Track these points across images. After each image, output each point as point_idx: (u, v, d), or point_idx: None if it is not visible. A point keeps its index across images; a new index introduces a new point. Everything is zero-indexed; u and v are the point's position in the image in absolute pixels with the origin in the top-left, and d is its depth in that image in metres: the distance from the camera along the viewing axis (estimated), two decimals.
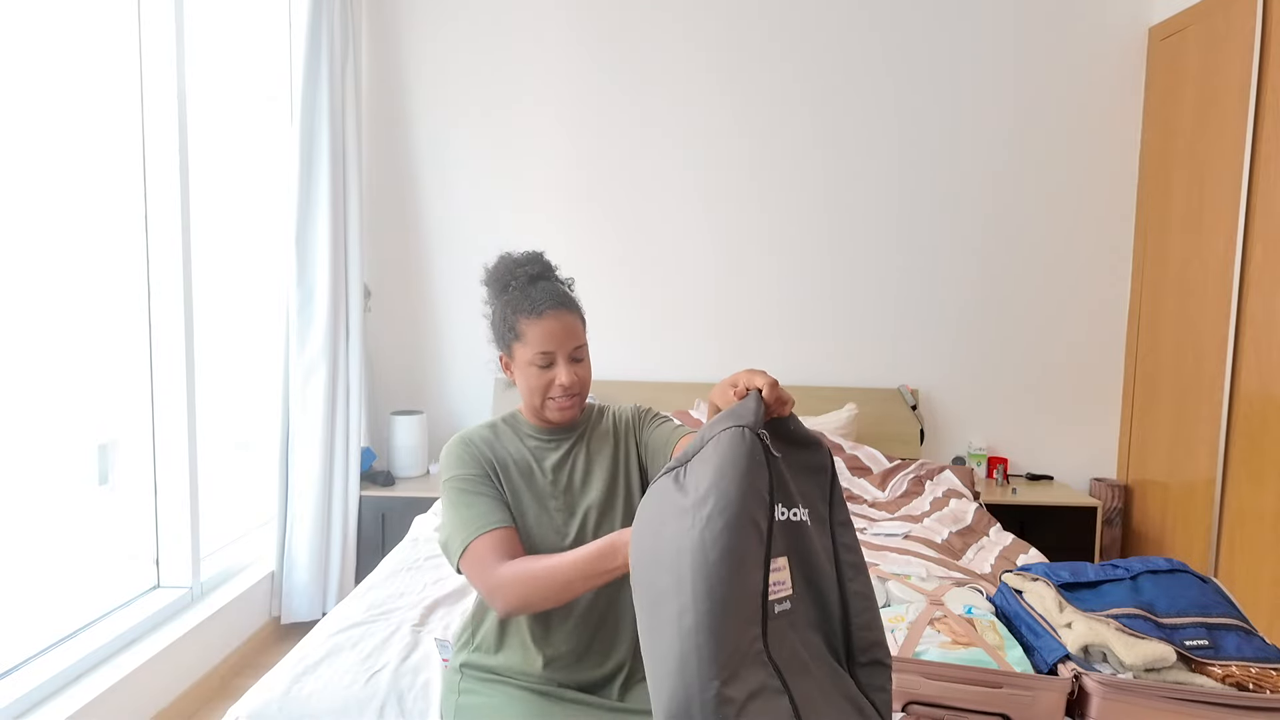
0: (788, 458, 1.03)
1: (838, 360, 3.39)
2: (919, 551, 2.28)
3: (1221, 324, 2.74)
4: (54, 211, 2.09)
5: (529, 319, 1.34)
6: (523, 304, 1.35)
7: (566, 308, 1.36)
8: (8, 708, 1.81)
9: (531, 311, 1.34)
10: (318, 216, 2.85)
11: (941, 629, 1.48)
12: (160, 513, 2.47)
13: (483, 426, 1.44)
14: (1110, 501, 3.18)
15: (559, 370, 1.34)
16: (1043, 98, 3.26)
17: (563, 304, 1.35)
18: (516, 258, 1.42)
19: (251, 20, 2.93)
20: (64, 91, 2.11)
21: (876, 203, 3.32)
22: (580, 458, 1.42)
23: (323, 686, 1.49)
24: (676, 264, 3.36)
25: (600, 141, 3.32)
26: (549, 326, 1.33)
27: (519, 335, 1.34)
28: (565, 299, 1.37)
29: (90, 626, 2.19)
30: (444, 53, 3.30)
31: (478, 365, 3.41)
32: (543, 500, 1.37)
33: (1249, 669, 1.32)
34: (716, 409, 1.15)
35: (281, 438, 2.87)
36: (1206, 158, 2.85)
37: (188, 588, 2.50)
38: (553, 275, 1.43)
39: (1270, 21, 2.57)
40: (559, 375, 1.34)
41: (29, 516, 2.04)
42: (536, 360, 1.34)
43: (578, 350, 1.36)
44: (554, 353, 1.34)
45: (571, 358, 1.35)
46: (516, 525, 1.34)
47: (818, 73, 3.27)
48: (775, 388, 1.06)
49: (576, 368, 1.36)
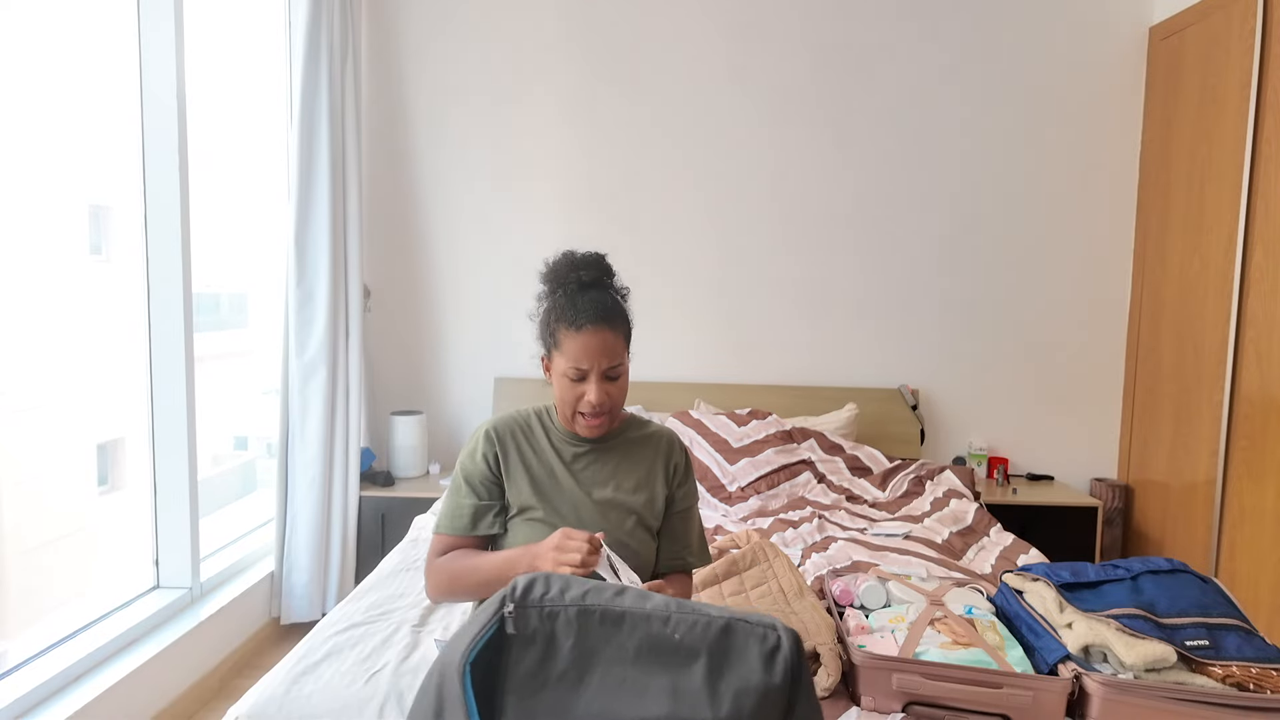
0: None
1: (838, 360, 3.39)
2: (919, 552, 2.28)
3: (1222, 324, 2.74)
4: (54, 211, 2.09)
5: (569, 330, 1.32)
6: (566, 312, 1.33)
7: (609, 324, 1.33)
8: (8, 708, 1.81)
9: (573, 323, 1.32)
10: (318, 217, 2.85)
11: (942, 629, 1.48)
12: (160, 513, 2.47)
13: (519, 416, 1.45)
14: (1111, 502, 3.18)
15: (590, 387, 1.32)
16: (1043, 97, 3.25)
17: (605, 319, 1.33)
18: (576, 259, 1.39)
19: (251, 21, 2.93)
20: (64, 91, 2.11)
21: (877, 202, 3.31)
22: (608, 462, 1.43)
23: (323, 686, 1.48)
24: (677, 264, 3.36)
25: (600, 141, 3.31)
26: (586, 342, 1.31)
27: (558, 344, 1.34)
28: (610, 314, 1.34)
29: (90, 627, 2.19)
30: (443, 52, 3.30)
31: (478, 365, 3.41)
32: (559, 495, 1.38)
33: (1249, 669, 1.32)
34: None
35: (281, 438, 2.87)
36: (1206, 158, 2.85)
37: (187, 588, 2.50)
38: (607, 284, 1.40)
39: (1270, 21, 2.57)
40: (589, 392, 1.32)
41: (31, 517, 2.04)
42: (570, 373, 1.33)
43: (613, 369, 1.34)
44: (588, 369, 1.32)
45: (605, 376, 1.33)
46: (500, 528, 1.38)
47: (820, 72, 3.27)
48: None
49: (609, 386, 1.34)
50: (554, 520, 1.36)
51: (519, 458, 1.40)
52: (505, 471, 1.40)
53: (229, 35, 2.80)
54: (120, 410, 2.37)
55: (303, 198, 2.81)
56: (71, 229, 2.17)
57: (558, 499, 1.38)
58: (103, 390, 2.31)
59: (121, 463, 2.39)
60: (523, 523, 1.38)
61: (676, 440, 1.51)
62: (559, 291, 1.37)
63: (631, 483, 1.42)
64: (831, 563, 2.18)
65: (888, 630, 1.52)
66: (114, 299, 2.33)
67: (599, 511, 1.38)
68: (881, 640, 1.49)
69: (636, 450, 1.46)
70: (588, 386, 1.33)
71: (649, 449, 1.46)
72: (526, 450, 1.41)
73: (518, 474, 1.39)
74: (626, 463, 1.44)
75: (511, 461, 1.40)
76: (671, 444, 1.49)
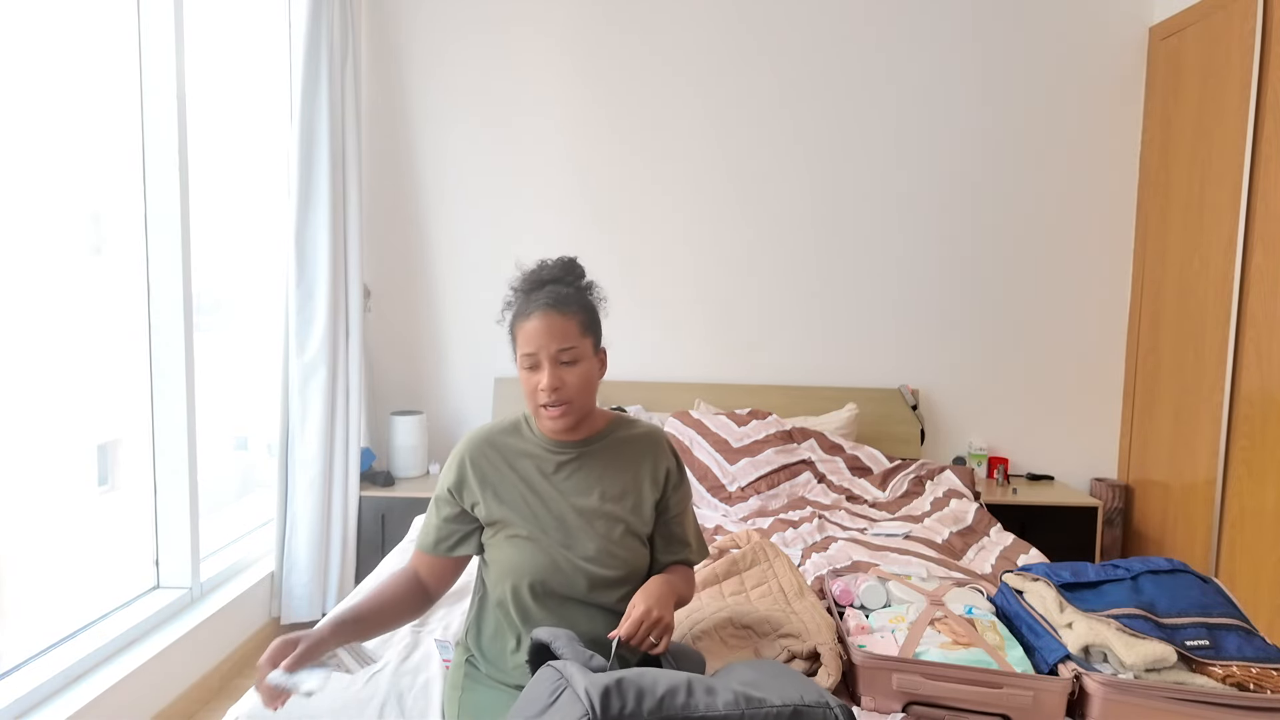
0: None
1: (838, 360, 3.39)
2: (919, 552, 2.28)
3: (1222, 324, 2.74)
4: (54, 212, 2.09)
5: (520, 322, 1.31)
6: (522, 307, 1.33)
7: (558, 309, 1.29)
8: (8, 708, 1.81)
9: (523, 313, 1.31)
10: (318, 216, 2.85)
11: (942, 629, 1.48)
12: (160, 513, 2.47)
13: (503, 428, 1.42)
14: (1111, 501, 3.18)
15: (543, 374, 1.29)
16: (1043, 97, 3.25)
17: (554, 305, 1.30)
18: (540, 265, 1.38)
19: (251, 20, 2.93)
20: (64, 91, 2.11)
21: (877, 203, 3.32)
22: (593, 468, 1.38)
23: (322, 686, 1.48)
24: (677, 264, 3.36)
25: (600, 141, 3.31)
26: (534, 327, 1.29)
27: (515, 340, 1.33)
28: (561, 300, 1.31)
29: (90, 627, 2.19)
30: (443, 51, 3.30)
31: (478, 365, 3.41)
32: (541, 509, 1.35)
33: (1249, 669, 1.32)
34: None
35: (281, 438, 2.87)
36: (1206, 158, 2.85)
37: (187, 588, 2.50)
38: (569, 280, 1.37)
39: (1270, 21, 2.57)
40: (542, 378, 1.28)
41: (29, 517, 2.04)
42: (523, 362, 1.31)
43: (565, 353, 1.29)
44: (536, 354, 1.29)
45: (557, 360, 1.29)
46: (471, 550, 1.38)
47: (816, 73, 3.27)
48: (634, 632, 1.16)
49: (564, 371, 1.29)
50: (538, 536, 1.32)
51: (496, 477, 1.36)
52: (480, 495, 1.35)
53: (229, 35, 2.80)
54: (120, 410, 2.37)
55: (303, 197, 2.81)
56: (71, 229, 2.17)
57: (541, 513, 1.34)
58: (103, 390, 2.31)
59: (121, 463, 2.39)
60: (505, 540, 1.34)
61: (665, 441, 1.45)
62: (518, 292, 1.36)
63: (617, 489, 1.37)
64: (831, 563, 2.18)
65: (888, 630, 1.52)
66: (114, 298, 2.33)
67: (584, 522, 1.34)
68: (881, 640, 1.49)
69: (623, 453, 1.41)
70: (541, 374, 1.29)
71: (635, 451, 1.41)
72: (503, 468, 1.36)
73: (493, 496, 1.35)
74: (612, 468, 1.38)
75: (487, 484, 1.35)
76: (659, 446, 1.43)
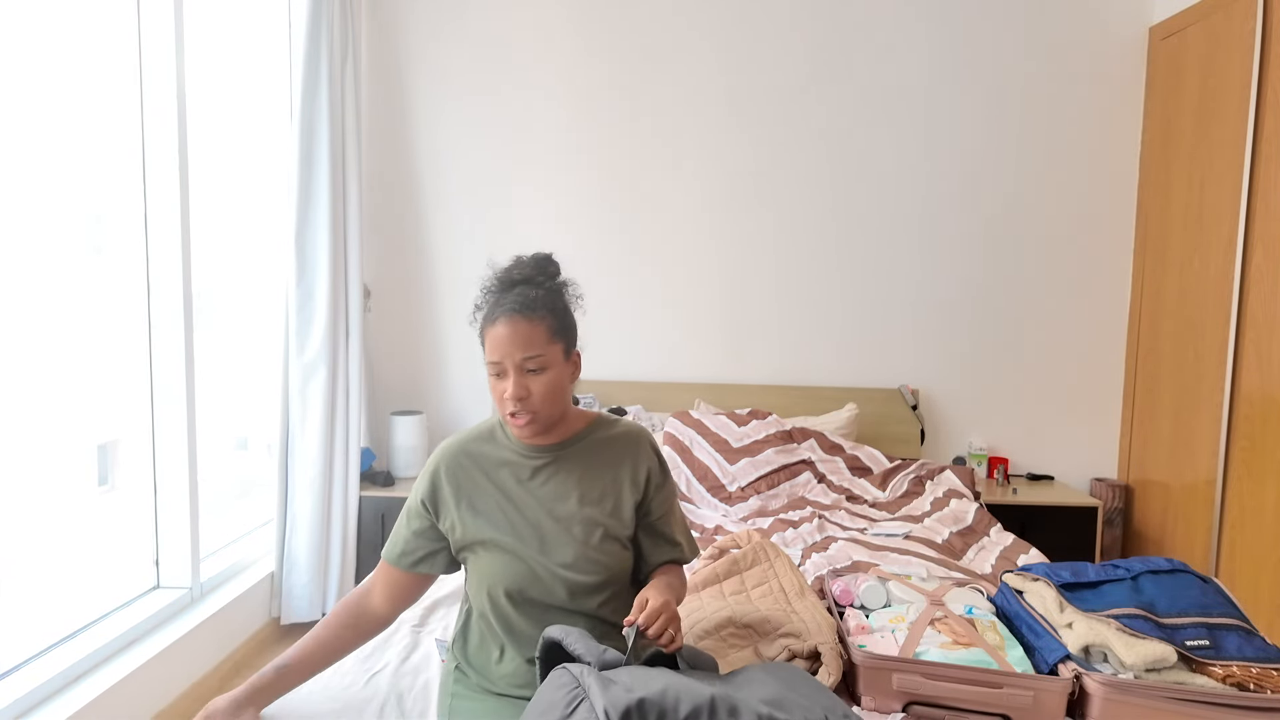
0: None
1: (838, 360, 3.39)
2: (919, 552, 2.28)
3: (1222, 324, 2.74)
4: (54, 212, 2.09)
5: (487, 327, 1.28)
6: (489, 311, 1.29)
7: (525, 314, 1.25)
8: (8, 708, 1.81)
9: (489, 317, 1.28)
10: (318, 216, 2.85)
11: (942, 629, 1.48)
12: (160, 513, 2.47)
13: (477, 436, 1.39)
14: (1111, 501, 3.18)
15: (507, 382, 1.26)
16: (1043, 97, 3.25)
17: (520, 310, 1.25)
18: (514, 262, 1.34)
19: (251, 20, 2.93)
20: (64, 91, 2.11)
21: (877, 202, 3.32)
22: (571, 471, 1.35)
23: (322, 687, 1.48)
24: (677, 264, 3.36)
25: (601, 141, 3.31)
26: (499, 334, 1.25)
27: (483, 343, 1.30)
28: (529, 305, 1.26)
29: (90, 627, 2.19)
30: (443, 51, 3.30)
31: (478, 365, 3.41)
32: (518, 518, 1.32)
33: (1250, 669, 1.32)
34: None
35: (281, 438, 2.87)
36: (1206, 158, 2.85)
37: (187, 588, 2.50)
38: (541, 280, 1.32)
39: (1270, 21, 2.57)
40: (507, 387, 1.25)
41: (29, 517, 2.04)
42: (490, 369, 1.28)
43: (531, 360, 1.25)
44: (502, 362, 1.26)
45: (523, 368, 1.25)
46: (437, 570, 1.38)
47: (821, 72, 3.27)
48: (652, 620, 1.14)
49: (528, 380, 1.26)
50: (516, 547, 1.29)
51: (471, 487, 1.33)
52: (454, 508, 1.33)
53: (229, 35, 2.80)
54: (120, 410, 2.37)
55: (303, 197, 2.81)
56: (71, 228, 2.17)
57: (517, 521, 1.31)
58: (103, 390, 2.31)
59: (121, 463, 2.38)
60: (484, 553, 1.32)
61: (647, 441, 1.41)
62: (488, 293, 1.33)
63: (596, 492, 1.34)
64: (832, 563, 2.18)
65: (888, 630, 1.52)
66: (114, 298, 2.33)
67: (562, 528, 1.31)
68: (882, 640, 1.49)
69: (602, 455, 1.37)
70: (507, 383, 1.26)
71: (615, 453, 1.38)
72: (478, 477, 1.34)
73: (468, 507, 1.32)
74: (591, 471, 1.35)
75: (462, 495, 1.33)
76: (639, 446, 1.39)
